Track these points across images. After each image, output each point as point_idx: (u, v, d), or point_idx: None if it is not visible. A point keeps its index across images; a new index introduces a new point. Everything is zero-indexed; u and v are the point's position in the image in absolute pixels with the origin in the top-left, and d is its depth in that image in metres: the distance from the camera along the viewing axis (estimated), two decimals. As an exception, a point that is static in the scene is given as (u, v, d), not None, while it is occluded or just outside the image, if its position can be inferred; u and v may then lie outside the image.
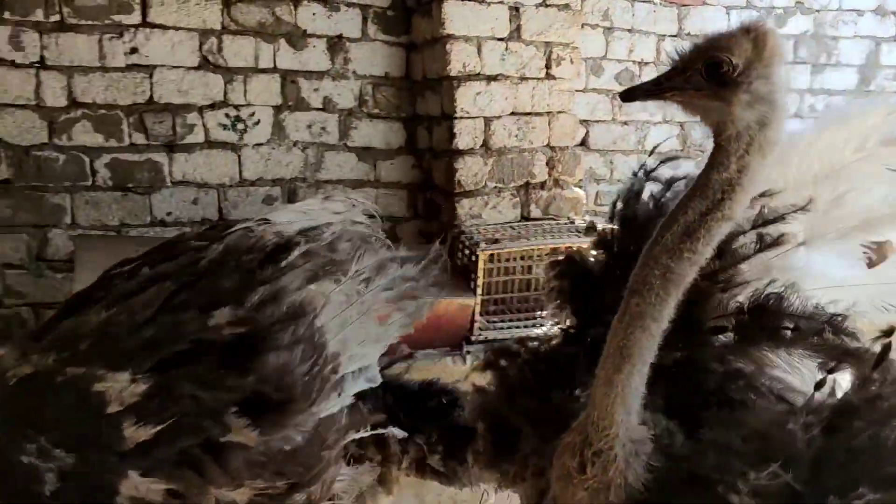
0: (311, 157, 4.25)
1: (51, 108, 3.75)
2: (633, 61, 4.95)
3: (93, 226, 3.86)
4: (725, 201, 1.11)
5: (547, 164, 3.99)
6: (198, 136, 4.01)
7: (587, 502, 1.20)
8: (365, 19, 4.25)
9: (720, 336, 1.39)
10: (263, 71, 4.09)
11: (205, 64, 3.98)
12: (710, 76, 1.11)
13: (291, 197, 4.22)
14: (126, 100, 3.86)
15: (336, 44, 4.21)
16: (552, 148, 4.00)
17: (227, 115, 4.05)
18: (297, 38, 4.13)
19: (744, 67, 1.09)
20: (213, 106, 4.02)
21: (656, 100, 1.20)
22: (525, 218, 3.95)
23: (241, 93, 4.06)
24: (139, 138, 3.91)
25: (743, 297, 1.39)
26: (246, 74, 4.06)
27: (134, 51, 3.85)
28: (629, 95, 1.21)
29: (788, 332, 1.29)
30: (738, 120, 1.10)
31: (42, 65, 3.71)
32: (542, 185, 3.99)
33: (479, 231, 3.71)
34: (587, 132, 4.88)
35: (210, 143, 4.04)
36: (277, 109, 4.15)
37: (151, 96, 3.91)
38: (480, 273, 3.48)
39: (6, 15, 3.63)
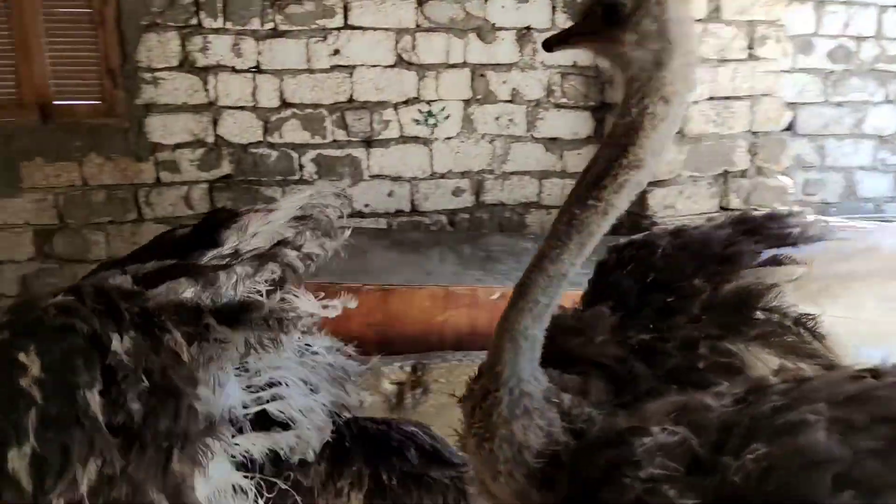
0: (498, 148, 4.30)
1: (265, 108, 4.10)
2: (850, 36, 4.49)
3: (300, 217, 4.17)
4: (630, 147, 1.10)
5: (748, 150, 3.75)
6: (393, 132, 4.20)
7: (473, 451, 1.16)
8: (553, 8, 4.22)
9: (695, 327, 1.34)
10: (454, 66, 4.20)
11: (399, 62, 4.16)
12: (607, 18, 1.09)
13: (479, 189, 4.30)
14: (329, 99, 4.13)
15: (524, 35, 4.22)
16: (754, 133, 3.75)
17: (419, 111, 4.21)
18: (487, 31, 4.19)
19: (634, 6, 1.07)
20: (406, 102, 4.19)
21: (567, 48, 1.19)
22: (723, 209, 3.74)
23: (433, 88, 4.20)
24: (340, 135, 4.18)
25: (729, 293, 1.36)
26: (437, 70, 4.19)
27: (336, 52, 4.11)
28: (547, 45, 1.20)
29: (757, 322, 1.26)
30: (632, 61, 1.09)
31: (258, 69, 4.07)
32: (743, 174, 3.75)
33: (672, 222, 3.56)
34: (794, 116, 4.49)
35: (404, 138, 4.22)
36: (466, 103, 4.24)
37: (351, 95, 4.15)
38: (674, 266, 3.34)
39: (228, 25, 4.02)
